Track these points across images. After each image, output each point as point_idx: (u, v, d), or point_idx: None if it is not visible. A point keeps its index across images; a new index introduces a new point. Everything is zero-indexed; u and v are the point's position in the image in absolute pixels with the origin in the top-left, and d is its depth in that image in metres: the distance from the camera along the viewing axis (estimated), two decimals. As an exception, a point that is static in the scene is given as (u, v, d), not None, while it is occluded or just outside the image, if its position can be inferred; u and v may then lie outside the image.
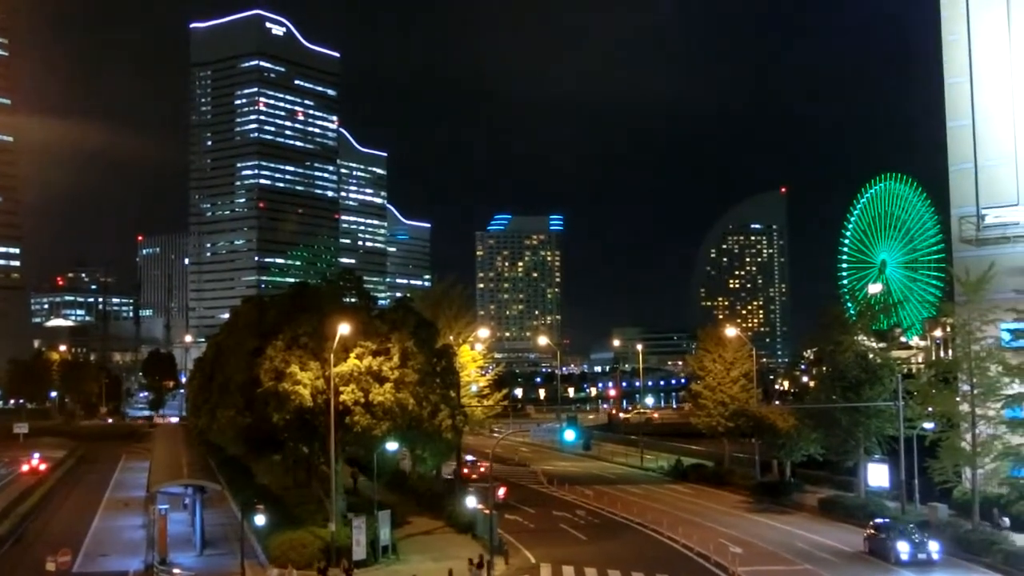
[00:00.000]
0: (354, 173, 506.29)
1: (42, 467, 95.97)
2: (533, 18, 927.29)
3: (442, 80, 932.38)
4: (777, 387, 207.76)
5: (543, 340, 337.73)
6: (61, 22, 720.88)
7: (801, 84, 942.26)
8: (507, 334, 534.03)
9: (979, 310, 59.39)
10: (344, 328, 52.84)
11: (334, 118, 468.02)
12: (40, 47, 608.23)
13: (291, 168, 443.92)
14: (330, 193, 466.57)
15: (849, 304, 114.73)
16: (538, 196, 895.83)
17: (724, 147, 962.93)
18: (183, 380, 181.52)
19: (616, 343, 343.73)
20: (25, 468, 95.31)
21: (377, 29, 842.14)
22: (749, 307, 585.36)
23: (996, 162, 70.51)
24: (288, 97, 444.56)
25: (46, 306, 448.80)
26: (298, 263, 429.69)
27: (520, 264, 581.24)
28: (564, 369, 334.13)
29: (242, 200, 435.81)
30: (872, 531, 55.48)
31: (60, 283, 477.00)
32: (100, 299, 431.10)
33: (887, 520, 56.87)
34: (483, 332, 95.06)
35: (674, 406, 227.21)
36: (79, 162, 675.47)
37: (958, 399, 59.68)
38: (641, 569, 51.39)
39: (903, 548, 51.87)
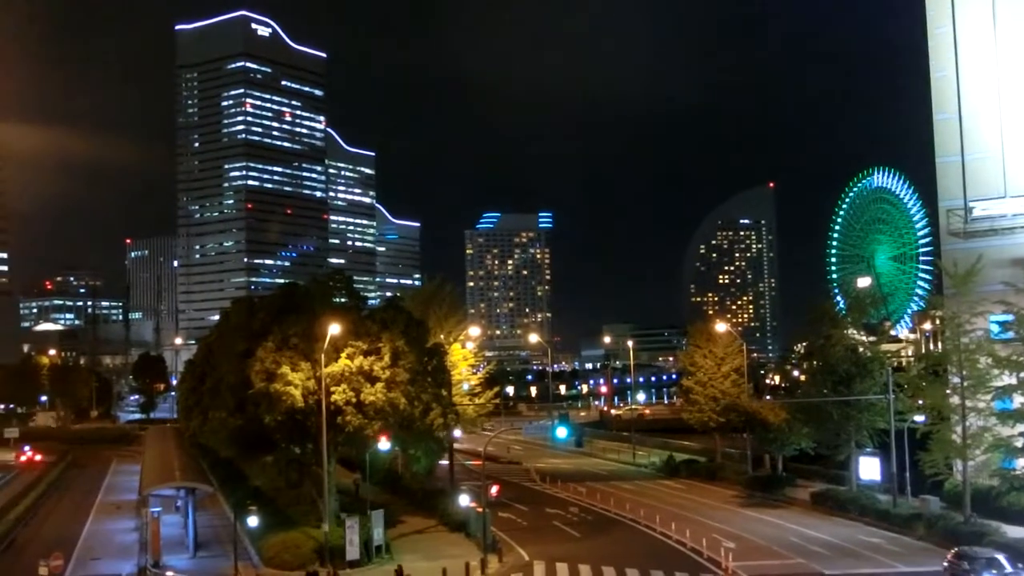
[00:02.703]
0: (342, 173, 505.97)
1: (37, 457, 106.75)
2: (521, 17, 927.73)
3: (429, 79, 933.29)
4: (768, 382, 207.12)
5: (534, 338, 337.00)
6: (45, 27, 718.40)
7: (790, 79, 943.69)
8: (497, 332, 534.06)
9: (968, 303, 59.59)
10: (334, 328, 52.79)
11: (321, 118, 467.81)
12: (25, 52, 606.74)
13: (279, 169, 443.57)
14: (318, 193, 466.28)
15: (839, 298, 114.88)
16: (527, 194, 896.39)
17: (713, 143, 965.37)
18: (174, 383, 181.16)
19: (607, 340, 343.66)
20: (23, 459, 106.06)
21: (363, 29, 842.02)
22: (739, 302, 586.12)
23: (983, 155, 70.76)
24: (275, 98, 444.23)
25: (35, 311, 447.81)
26: (287, 264, 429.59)
27: (510, 262, 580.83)
28: (555, 367, 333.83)
29: (230, 202, 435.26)
30: (953, 560, 47.94)
31: (49, 287, 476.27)
32: (89, 303, 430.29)
33: (971, 548, 49.26)
34: (473, 330, 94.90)
35: (665, 402, 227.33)
36: (66, 166, 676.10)
37: (948, 392, 59.91)
38: (635, 565, 51.45)
39: None
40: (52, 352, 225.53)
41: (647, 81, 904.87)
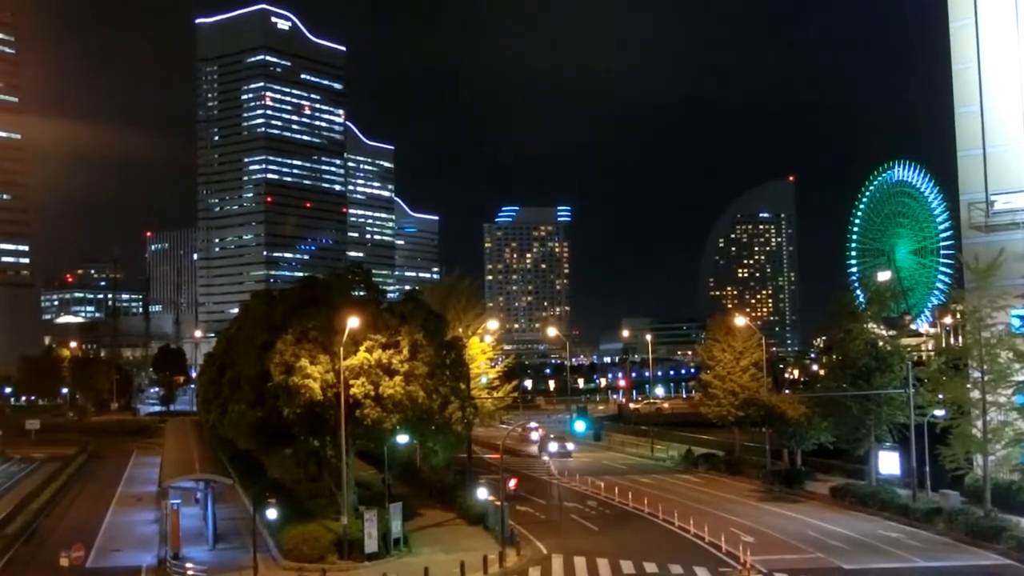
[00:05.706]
0: (361, 167, 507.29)
1: None
2: (537, 11, 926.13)
3: (448, 72, 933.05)
4: (787, 376, 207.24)
5: (552, 331, 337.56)
6: (67, 20, 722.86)
7: (809, 71, 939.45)
8: (516, 326, 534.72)
9: (989, 296, 59.22)
10: (353, 321, 52.87)
11: (341, 112, 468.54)
12: (46, 45, 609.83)
13: (298, 162, 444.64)
14: (337, 187, 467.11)
15: (859, 292, 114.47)
16: (546, 188, 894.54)
17: (732, 136, 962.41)
18: (193, 375, 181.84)
19: (625, 333, 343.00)
20: None
21: (383, 22, 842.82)
22: (758, 296, 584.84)
23: (1004, 148, 70.15)
24: (294, 91, 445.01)
25: (56, 303, 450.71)
26: (307, 257, 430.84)
27: (528, 256, 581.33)
28: (573, 360, 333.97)
29: (250, 195, 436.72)
30: None
31: (69, 280, 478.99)
32: (109, 295, 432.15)
33: None
34: (492, 324, 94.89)
35: (684, 396, 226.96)
36: (87, 159, 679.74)
37: (968, 386, 59.56)
38: (653, 559, 51.38)
39: None
40: (73, 344, 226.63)
41: (668, 75, 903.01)
